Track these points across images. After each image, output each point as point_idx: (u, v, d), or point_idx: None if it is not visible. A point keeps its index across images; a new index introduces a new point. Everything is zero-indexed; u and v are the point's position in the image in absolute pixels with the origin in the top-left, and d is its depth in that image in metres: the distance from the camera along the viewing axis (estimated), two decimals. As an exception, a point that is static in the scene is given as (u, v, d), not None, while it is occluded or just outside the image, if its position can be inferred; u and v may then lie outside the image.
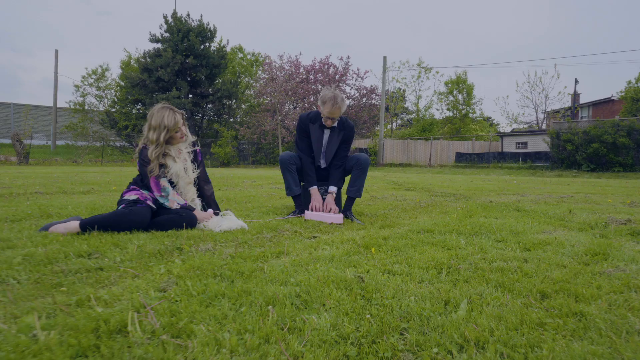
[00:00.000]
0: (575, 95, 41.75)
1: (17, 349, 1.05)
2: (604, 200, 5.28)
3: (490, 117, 52.07)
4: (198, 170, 3.02)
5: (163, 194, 2.78)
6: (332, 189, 3.58)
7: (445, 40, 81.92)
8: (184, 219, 2.77)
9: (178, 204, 2.83)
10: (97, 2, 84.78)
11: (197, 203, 3.00)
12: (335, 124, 3.61)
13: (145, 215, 2.66)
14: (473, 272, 1.84)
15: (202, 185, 3.09)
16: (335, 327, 1.23)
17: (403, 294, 1.52)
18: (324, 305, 1.41)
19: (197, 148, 3.10)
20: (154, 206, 2.76)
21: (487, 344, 1.13)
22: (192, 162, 3.00)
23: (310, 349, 1.09)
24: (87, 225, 2.55)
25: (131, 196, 2.72)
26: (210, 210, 3.00)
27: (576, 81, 30.66)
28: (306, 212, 3.41)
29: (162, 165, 2.81)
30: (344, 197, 3.75)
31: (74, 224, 2.59)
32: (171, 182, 2.87)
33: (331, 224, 3.16)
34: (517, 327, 1.24)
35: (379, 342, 1.15)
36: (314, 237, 2.65)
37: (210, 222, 2.86)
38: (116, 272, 1.79)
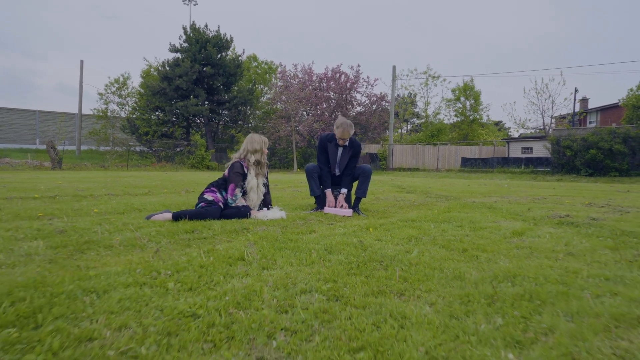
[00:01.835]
0: (584, 101, 42.52)
1: (199, 262, 2.28)
2: (568, 201, 6.41)
3: (501, 121, 52.85)
4: (264, 190, 4.30)
5: (233, 198, 4.03)
6: (343, 190, 4.80)
7: (451, 43, 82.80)
8: (242, 212, 4.01)
9: (240, 205, 4.08)
10: (106, 6, 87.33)
11: (255, 205, 4.25)
12: (347, 143, 4.84)
13: (217, 213, 3.90)
14: (430, 240, 3.05)
15: (265, 196, 4.37)
16: (346, 259, 2.44)
17: (384, 249, 2.73)
18: (340, 252, 2.62)
19: (267, 173, 4.43)
20: (222, 207, 4.01)
21: (420, 264, 2.34)
22: (264, 181, 4.31)
23: (335, 265, 2.30)
24: (179, 216, 3.79)
25: (209, 197, 3.98)
26: (264, 209, 4.25)
27: (575, 90, 31.58)
28: (325, 207, 4.63)
29: (245, 176, 4.07)
30: (353, 197, 4.96)
31: (168, 215, 3.84)
32: (244, 190, 4.14)
33: (343, 216, 4.37)
34: (439, 260, 2.44)
35: (368, 264, 2.35)
36: (332, 223, 3.87)
37: (259, 214, 4.09)
38: (215, 239, 3.02)
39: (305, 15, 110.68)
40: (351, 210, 4.49)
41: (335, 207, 4.67)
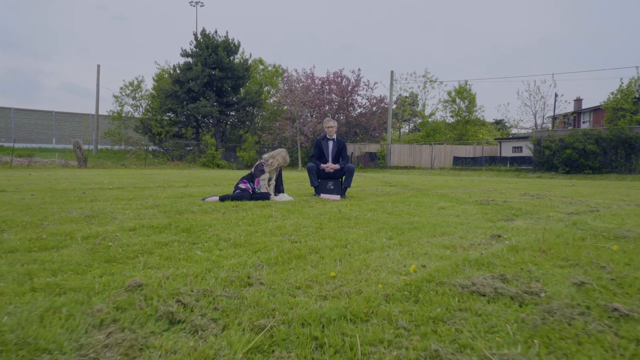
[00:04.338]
0: (578, 101, 44.35)
1: (250, 217, 4.25)
2: (510, 192, 8.35)
3: (502, 120, 54.47)
4: (274, 182, 6.23)
5: (258, 187, 6.01)
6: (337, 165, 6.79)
7: (451, 45, 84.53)
8: (264, 196, 5.99)
9: (263, 191, 6.07)
10: (113, 7, 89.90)
11: (272, 191, 6.22)
12: (334, 137, 6.84)
13: (249, 197, 5.87)
14: (382, 210, 5.01)
15: (278, 185, 6.32)
16: (329, 217, 4.40)
17: (352, 213, 4.69)
18: (326, 214, 4.58)
19: (281, 169, 6.36)
20: (251, 192, 5.99)
21: (368, 219, 4.30)
22: (277, 176, 6.25)
23: (322, 219, 4.27)
24: (224, 198, 5.77)
25: (242, 186, 5.97)
26: (279, 195, 6.22)
27: (556, 95, 33.55)
28: (321, 194, 6.61)
29: (263, 171, 6.05)
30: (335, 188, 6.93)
31: (215, 198, 5.82)
32: (270, 183, 6.13)
33: (333, 199, 6.34)
34: (380, 217, 4.40)
35: (340, 219, 4.31)
36: (325, 203, 5.84)
37: (276, 197, 6.07)
38: (255, 208, 4.98)
39: (308, 17, 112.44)
40: (339, 196, 6.47)
41: (331, 169, 6.68)
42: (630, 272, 2.29)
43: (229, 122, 37.62)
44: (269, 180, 6.16)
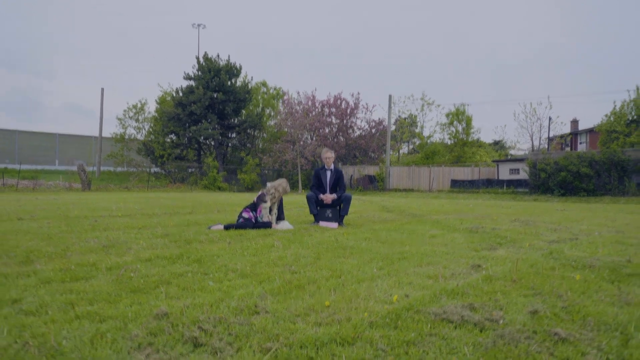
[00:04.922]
0: (574, 122, 45.11)
1: (254, 247, 4.63)
2: (501, 218, 8.73)
3: (501, 140, 55.08)
4: (276, 211, 6.64)
5: (260, 215, 6.41)
6: (334, 194, 7.18)
7: (447, 66, 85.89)
8: (266, 225, 6.38)
9: (265, 220, 6.46)
10: (114, 24, 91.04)
11: (273, 220, 6.61)
12: (332, 167, 7.27)
13: (252, 225, 6.27)
14: (376, 239, 5.39)
15: (279, 213, 6.72)
16: (326, 246, 4.78)
17: (348, 242, 5.07)
18: (323, 244, 4.96)
19: (282, 198, 6.77)
20: (254, 221, 6.38)
21: (363, 248, 4.68)
22: (278, 204, 6.66)
23: (320, 248, 4.65)
24: (229, 227, 6.16)
25: (246, 215, 6.36)
26: (280, 222, 6.61)
27: (550, 118, 34.18)
28: (320, 222, 7.00)
29: (265, 201, 6.45)
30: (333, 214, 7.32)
31: (220, 226, 6.21)
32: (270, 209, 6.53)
33: (332, 227, 6.72)
34: (373, 247, 4.78)
35: (337, 248, 4.69)
36: (323, 232, 6.22)
37: (277, 226, 6.46)
38: (258, 237, 5.37)
39: (307, 27, 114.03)
40: (337, 224, 6.85)
41: (328, 200, 7.07)
42: (582, 300, 2.67)
43: (230, 145, 38.25)
44: (270, 209, 6.56)
